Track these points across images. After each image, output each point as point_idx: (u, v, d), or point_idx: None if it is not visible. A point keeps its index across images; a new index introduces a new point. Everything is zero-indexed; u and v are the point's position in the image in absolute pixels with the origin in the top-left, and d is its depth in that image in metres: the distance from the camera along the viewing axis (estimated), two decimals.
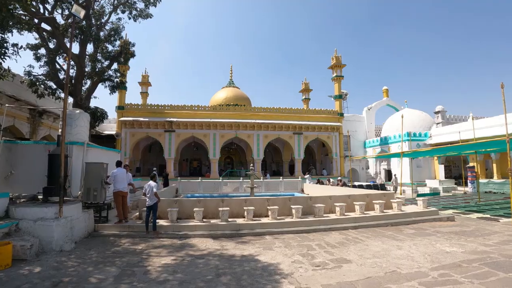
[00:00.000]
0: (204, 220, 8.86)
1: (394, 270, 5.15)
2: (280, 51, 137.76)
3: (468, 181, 21.55)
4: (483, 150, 16.58)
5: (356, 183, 22.25)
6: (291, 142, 29.24)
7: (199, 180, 19.31)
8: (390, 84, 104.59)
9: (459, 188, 23.00)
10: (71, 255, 6.17)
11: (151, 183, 8.14)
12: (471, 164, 22.48)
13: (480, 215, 10.96)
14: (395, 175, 17.19)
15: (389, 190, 13.94)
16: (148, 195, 8.01)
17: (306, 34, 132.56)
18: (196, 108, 28.21)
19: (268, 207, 9.25)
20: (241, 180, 20.09)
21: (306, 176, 21.45)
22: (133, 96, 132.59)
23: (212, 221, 8.80)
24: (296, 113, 30.25)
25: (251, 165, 18.21)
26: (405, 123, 26.33)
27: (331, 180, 20.69)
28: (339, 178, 21.30)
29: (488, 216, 10.70)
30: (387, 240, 7.29)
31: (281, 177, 21.40)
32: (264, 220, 8.95)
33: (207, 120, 27.12)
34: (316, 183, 20.18)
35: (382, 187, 19.55)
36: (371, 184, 20.83)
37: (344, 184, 18.69)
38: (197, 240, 7.52)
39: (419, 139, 28.53)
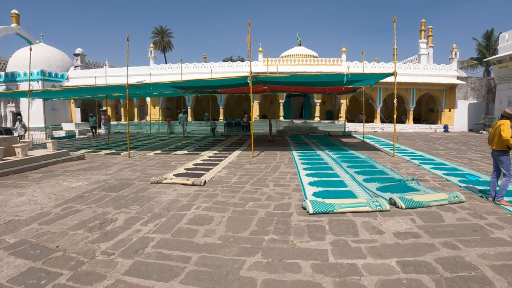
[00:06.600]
0: None
1: (11, 219, 4.71)
2: None
3: (102, 123, 23.69)
4: (113, 95, 18.62)
5: None
6: None
7: None
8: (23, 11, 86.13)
9: None
10: None
11: None
12: (104, 108, 24.69)
13: (108, 151, 12.55)
14: (18, 117, 14.93)
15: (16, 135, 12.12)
16: None
17: None
18: None
19: None
20: None
21: None
22: None
23: None
24: None
25: None
26: (41, 60, 23.41)
27: None
28: None
29: (113, 151, 12.50)
30: (6, 190, 6.43)
31: None
32: None
33: None
34: None
35: (7, 131, 16.55)
36: None
37: None
38: None
39: (56, 79, 26.82)
